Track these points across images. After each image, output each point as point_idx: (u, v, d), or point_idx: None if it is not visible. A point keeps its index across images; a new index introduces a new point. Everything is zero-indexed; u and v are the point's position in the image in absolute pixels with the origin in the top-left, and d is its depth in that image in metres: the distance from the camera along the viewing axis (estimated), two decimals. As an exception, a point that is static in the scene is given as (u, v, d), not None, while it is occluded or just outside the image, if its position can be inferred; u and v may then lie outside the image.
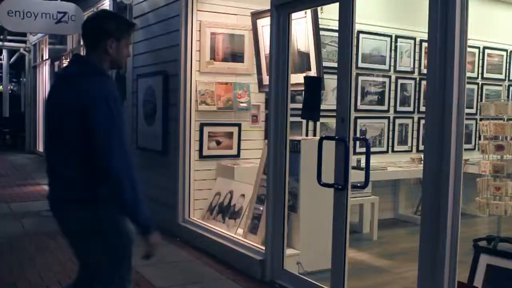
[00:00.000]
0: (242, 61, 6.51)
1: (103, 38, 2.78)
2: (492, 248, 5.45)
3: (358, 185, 4.25)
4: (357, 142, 7.26)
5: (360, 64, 7.29)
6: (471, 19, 3.30)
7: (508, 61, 8.83)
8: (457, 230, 3.27)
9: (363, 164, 6.93)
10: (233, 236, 5.53)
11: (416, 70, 7.77)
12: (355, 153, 7.31)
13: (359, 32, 7.24)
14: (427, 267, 3.38)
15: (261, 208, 5.29)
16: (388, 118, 7.61)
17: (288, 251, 4.93)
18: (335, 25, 4.19)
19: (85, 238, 2.80)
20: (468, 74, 8.29)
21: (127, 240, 2.88)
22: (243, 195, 5.76)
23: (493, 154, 6.12)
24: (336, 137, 3.92)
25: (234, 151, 6.46)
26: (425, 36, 3.40)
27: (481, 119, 6.88)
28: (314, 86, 4.32)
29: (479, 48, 8.42)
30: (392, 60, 7.57)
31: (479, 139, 7.49)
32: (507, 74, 8.83)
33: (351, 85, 3.90)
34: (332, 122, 5.48)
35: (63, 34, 11.60)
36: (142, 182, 2.72)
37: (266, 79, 5.60)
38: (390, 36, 7.53)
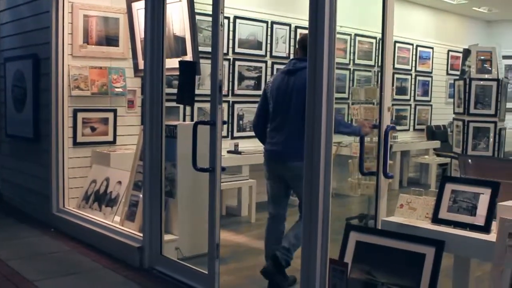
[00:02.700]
0: (117, 45, 6.35)
1: None
2: (361, 225, 5.72)
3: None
4: (235, 126, 7.35)
5: (237, 49, 7.35)
6: (343, 7, 3.42)
7: (377, 48, 9.27)
8: (328, 210, 3.40)
9: (240, 148, 7.06)
10: (110, 224, 5.41)
11: (291, 56, 7.95)
12: (232, 137, 7.42)
13: (236, 17, 7.30)
14: (305, 246, 3.51)
15: (138, 195, 5.21)
16: (265, 102, 7.74)
17: (167, 237, 4.92)
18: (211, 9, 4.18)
19: (301, 179, 3.65)
20: (341, 60, 8.66)
21: None
22: (119, 182, 5.65)
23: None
24: (211, 122, 3.94)
25: (109, 137, 6.31)
26: (299, 23, 3.49)
27: (352, 104, 7.18)
28: (188, 70, 4.30)
29: (350, 35, 8.77)
30: (268, 45, 7.70)
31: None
32: (376, 61, 9.27)
33: (217, 69, 3.91)
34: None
35: None
36: (13, 171, 2.66)
37: (141, 64, 5.50)
38: (266, 22, 7.65)
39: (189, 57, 5.20)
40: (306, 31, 3.53)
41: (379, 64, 5.94)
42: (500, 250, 2.46)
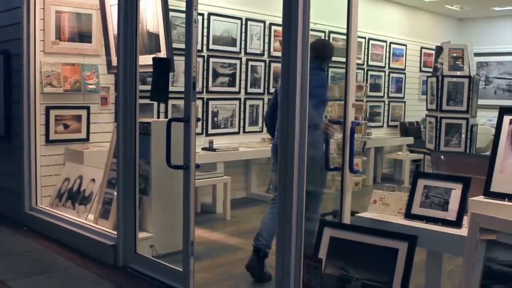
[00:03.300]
0: (90, 42, 6.29)
1: (329, 56, 5.15)
2: (334, 221, 5.74)
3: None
4: (210, 123, 7.34)
5: (211, 46, 7.33)
6: (317, 4, 3.44)
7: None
8: (302, 206, 3.42)
9: (215, 145, 7.04)
10: (83, 222, 5.36)
11: (266, 53, 7.96)
12: (207, 134, 7.41)
13: (210, 14, 7.28)
14: (280, 242, 3.52)
15: (112, 193, 5.18)
16: (239, 99, 7.75)
17: (141, 235, 4.89)
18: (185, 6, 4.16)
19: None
20: (315, 57, 8.66)
21: None
22: (93, 180, 5.60)
23: (338, 133, 6.44)
24: (185, 119, 3.93)
25: (83, 135, 6.25)
26: (274, 20, 3.51)
27: (326, 100, 7.20)
28: (162, 67, 4.28)
29: (325, 32, 8.80)
30: (243, 42, 7.70)
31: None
32: (350, 57, 9.31)
33: (190, 66, 3.90)
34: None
35: None
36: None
37: (115, 60, 5.45)
38: (241, 19, 7.63)
39: (163, 54, 5.17)
40: (280, 28, 3.53)
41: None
42: (471, 244, 2.50)
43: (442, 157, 3.59)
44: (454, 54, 6.89)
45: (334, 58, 9.02)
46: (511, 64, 11.29)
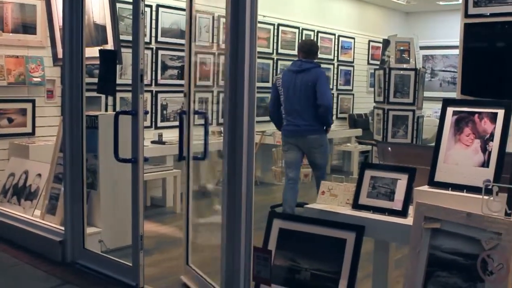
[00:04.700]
0: (35, 33, 6.14)
1: (317, 51, 6.25)
2: (282, 213, 5.79)
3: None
4: (159, 116, 7.29)
5: (160, 38, 7.26)
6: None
7: (300, 37, 9.38)
8: (251, 198, 3.42)
9: (164, 138, 6.99)
10: (30, 219, 5.24)
11: (215, 45, 7.93)
12: (156, 127, 7.35)
13: (158, 5, 7.21)
14: (229, 235, 3.51)
15: (59, 188, 5.08)
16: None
17: (89, 230, 4.83)
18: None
19: (316, 148, 5.95)
20: (264, 49, 8.71)
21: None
22: (39, 175, 5.48)
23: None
24: (132, 112, 3.88)
25: (28, 129, 6.11)
26: (223, 12, 3.48)
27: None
28: (109, 60, 4.22)
29: (274, 25, 8.83)
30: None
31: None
32: (299, 50, 9.38)
33: (138, 59, 3.87)
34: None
35: None
36: None
37: (61, 53, 5.36)
38: (189, 11, 7.57)
39: (110, 46, 5.11)
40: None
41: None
42: (416, 233, 2.55)
43: (389, 148, 3.65)
44: (401, 47, 7.03)
45: (283, 51, 9.18)
46: (455, 57, 11.47)
